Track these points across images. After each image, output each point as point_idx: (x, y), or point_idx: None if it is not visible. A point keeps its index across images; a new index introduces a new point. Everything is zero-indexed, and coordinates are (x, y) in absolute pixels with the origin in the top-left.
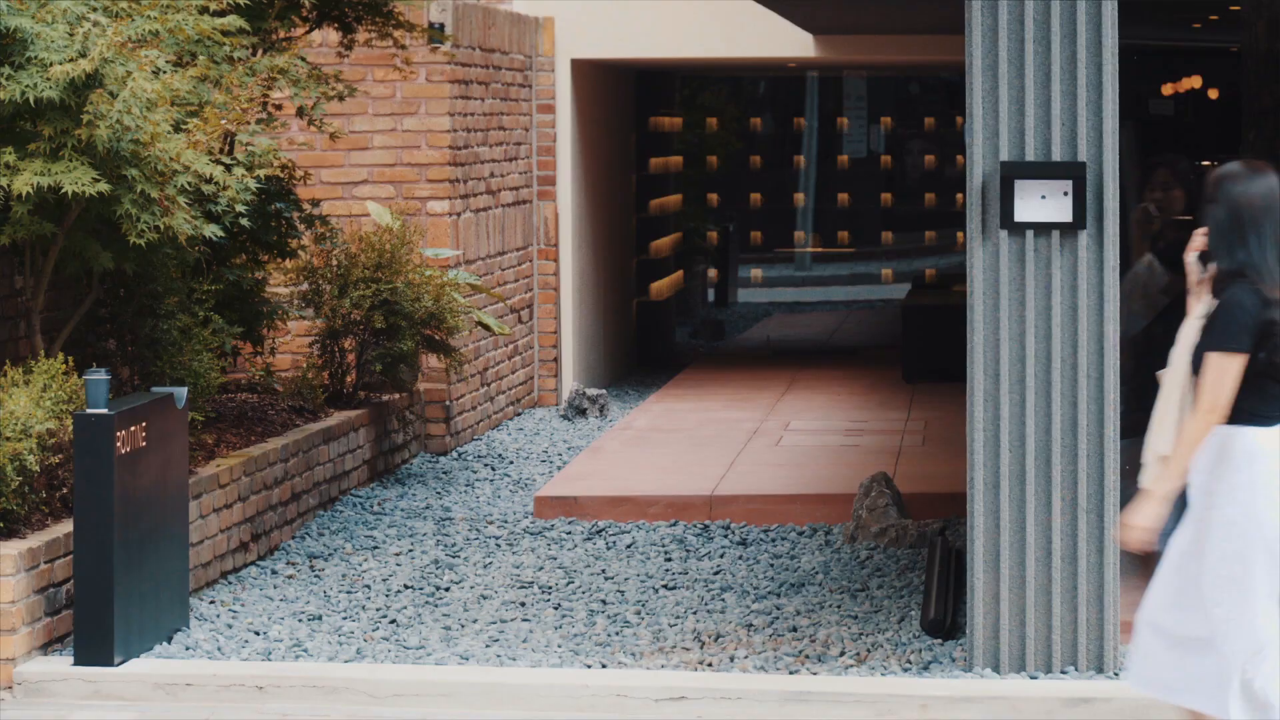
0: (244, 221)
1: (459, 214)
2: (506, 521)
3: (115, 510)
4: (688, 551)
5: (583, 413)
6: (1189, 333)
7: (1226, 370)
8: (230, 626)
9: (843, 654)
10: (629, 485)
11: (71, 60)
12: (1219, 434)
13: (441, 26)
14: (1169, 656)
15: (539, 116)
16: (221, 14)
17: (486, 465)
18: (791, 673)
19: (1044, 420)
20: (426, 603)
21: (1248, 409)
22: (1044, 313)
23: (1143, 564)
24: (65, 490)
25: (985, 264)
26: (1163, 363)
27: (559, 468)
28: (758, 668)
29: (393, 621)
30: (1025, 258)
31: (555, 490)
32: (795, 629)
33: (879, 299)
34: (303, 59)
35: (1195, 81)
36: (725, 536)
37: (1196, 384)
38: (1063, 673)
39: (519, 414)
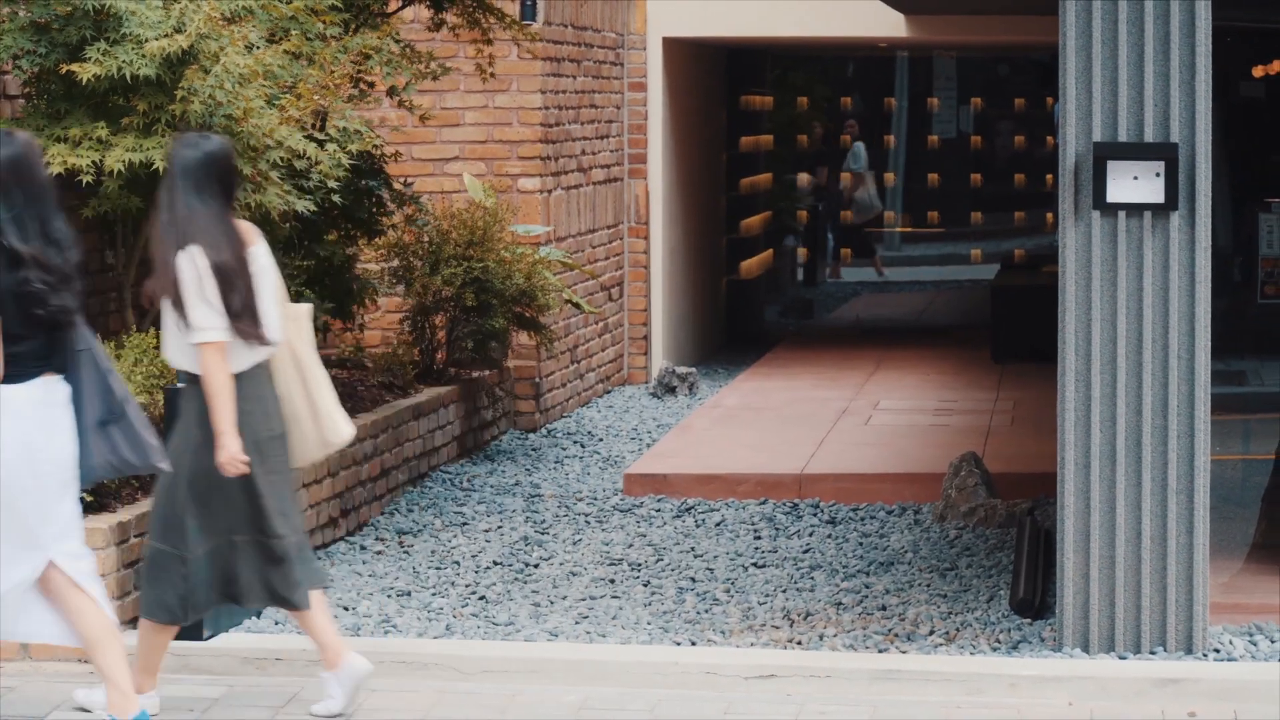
0: (336, 198)
1: (550, 191)
2: (596, 499)
3: None
4: (777, 530)
5: (672, 391)
6: None
7: None
8: None
9: (932, 633)
10: (718, 463)
11: (167, 36)
12: None
13: (533, 5)
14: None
15: (630, 94)
16: None
17: (576, 442)
18: (881, 651)
19: (1134, 401)
20: (516, 579)
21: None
22: (1135, 293)
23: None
24: None
25: (1077, 244)
26: None
27: (648, 445)
28: (847, 646)
29: (482, 598)
30: (1117, 238)
31: (644, 468)
32: (884, 608)
33: (968, 279)
34: (395, 39)
35: None
36: (814, 515)
37: None
38: (1151, 653)
39: (608, 391)
